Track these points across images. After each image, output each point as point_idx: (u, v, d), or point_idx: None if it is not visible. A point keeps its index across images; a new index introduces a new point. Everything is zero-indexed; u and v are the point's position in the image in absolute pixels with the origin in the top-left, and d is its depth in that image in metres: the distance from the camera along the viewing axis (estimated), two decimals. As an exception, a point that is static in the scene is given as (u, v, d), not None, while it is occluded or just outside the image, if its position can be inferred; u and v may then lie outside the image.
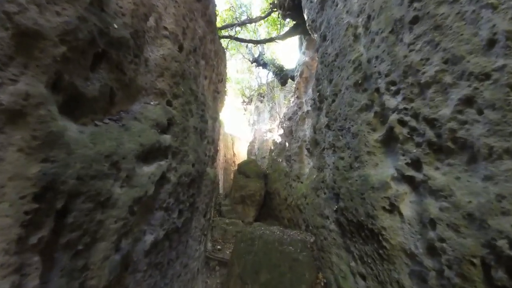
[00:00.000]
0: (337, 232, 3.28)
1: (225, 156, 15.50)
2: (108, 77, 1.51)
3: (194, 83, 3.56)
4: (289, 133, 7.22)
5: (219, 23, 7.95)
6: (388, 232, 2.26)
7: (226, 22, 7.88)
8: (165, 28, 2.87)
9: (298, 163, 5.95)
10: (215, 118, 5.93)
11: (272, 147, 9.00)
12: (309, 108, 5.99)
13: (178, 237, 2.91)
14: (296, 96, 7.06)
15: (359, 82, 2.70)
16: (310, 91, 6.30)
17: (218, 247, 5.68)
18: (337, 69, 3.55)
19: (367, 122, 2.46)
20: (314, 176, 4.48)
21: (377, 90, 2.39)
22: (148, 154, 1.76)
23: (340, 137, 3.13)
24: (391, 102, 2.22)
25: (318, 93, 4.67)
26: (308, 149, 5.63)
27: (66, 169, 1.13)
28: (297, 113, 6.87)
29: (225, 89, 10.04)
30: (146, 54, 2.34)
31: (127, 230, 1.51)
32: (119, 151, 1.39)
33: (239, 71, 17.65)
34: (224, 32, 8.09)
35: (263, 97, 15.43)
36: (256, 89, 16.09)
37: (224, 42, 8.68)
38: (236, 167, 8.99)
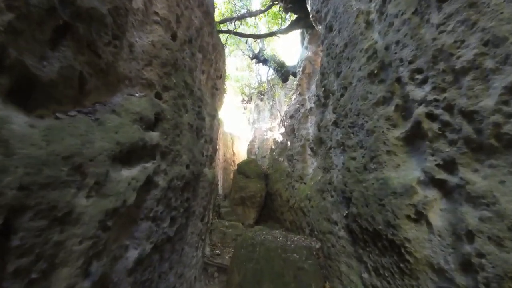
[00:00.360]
0: (347, 240, 2.98)
1: (224, 156, 15.29)
2: (74, 58, 1.20)
3: (189, 76, 3.25)
4: (291, 132, 6.92)
5: (217, 17, 7.62)
6: (412, 244, 1.96)
7: (225, 16, 7.56)
8: (156, 13, 2.55)
9: (301, 163, 5.65)
10: (214, 116, 5.61)
11: (273, 146, 8.70)
12: (313, 105, 5.68)
13: (171, 247, 2.61)
14: (298, 93, 6.75)
15: (375, 72, 2.39)
16: (313, 87, 6.00)
17: (217, 251, 5.38)
18: (346, 60, 3.25)
19: (385, 117, 2.15)
20: (319, 177, 4.17)
21: (398, 80, 2.08)
22: (129, 155, 1.46)
23: (351, 134, 2.83)
24: (417, 93, 1.91)
25: (323, 89, 4.37)
26: (311, 149, 5.32)
27: (3, 175, 0.82)
28: (299, 111, 6.56)
29: (224, 86, 9.75)
30: (132, 39, 2.02)
31: (99, 250, 1.21)
32: (85, 151, 1.08)
33: (238, 68, 17.34)
34: (222, 27, 7.77)
35: (263, 95, 15.13)
36: (256, 87, 15.78)
37: (222, 37, 8.36)
38: (236, 167, 8.68)
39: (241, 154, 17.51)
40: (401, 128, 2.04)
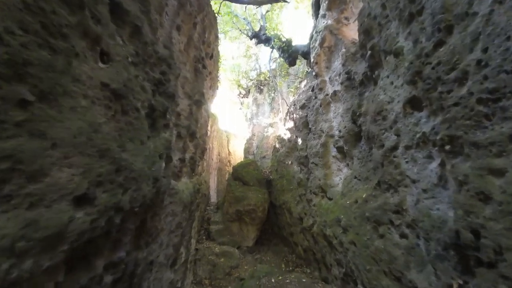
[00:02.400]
0: None
1: (219, 155, 14.00)
2: None
3: (136, 8, 1.65)
4: (303, 126, 5.35)
5: (207, -22, 5.96)
6: None
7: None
8: None
9: (321, 169, 4.08)
10: (199, 102, 4.01)
11: (276, 145, 7.12)
12: (338, 88, 4.13)
13: None
14: (314, 74, 5.17)
15: None
16: (336, 64, 4.44)
17: (202, 297, 3.81)
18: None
19: None
20: (365, 196, 2.61)
21: None
22: None
23: (487, 119, 1.26)
24: None
25: (369, 53, 2.80)
26: (339, 148, 3.76)
27: None
28: (315, 98, 4.99)
29: (217, 72, 8.14)
30: None
31: None
32: None
33: (234, 57, 15.74)
34: (214, -8, 6.16)
35: (264, 86, 13.55)
36: (255, 78, 14.19)
37: (214, 6, 6.73)
38: (231, 170, 7.08)
39: (237, 153, 16.06)
40: None
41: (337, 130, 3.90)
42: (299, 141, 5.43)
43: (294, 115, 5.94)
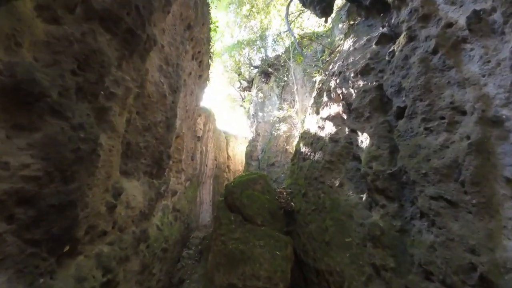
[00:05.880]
0: None
1: (216, 160, 12.26)
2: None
3: None
4: (371, 108, 2.78)
5: None
6: None
7: None
8: None
9: (474, 217, 1.51)
10: (135, 39, 1.50)
11: (301, 148, 4.53)
12: (485, 5, 1.60)
13: None
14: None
15: None
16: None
17: None
18: None
19: None
20: None
21: None
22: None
23: None
24: None
25: None
26: None
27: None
28: (410, 42, 2.44)
29: (206, 39, 5.98)
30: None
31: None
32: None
33: (233, 35, 13.40)
34: None
35: (275, 68, 11.08)
36: (261, 62, 11.77)
37: None
38: (224, 192, 4.45)
39: (238, 157, 14.49)
40: None
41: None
42: (362, 139, 2.85)
43: (344, 91, 3.38)
